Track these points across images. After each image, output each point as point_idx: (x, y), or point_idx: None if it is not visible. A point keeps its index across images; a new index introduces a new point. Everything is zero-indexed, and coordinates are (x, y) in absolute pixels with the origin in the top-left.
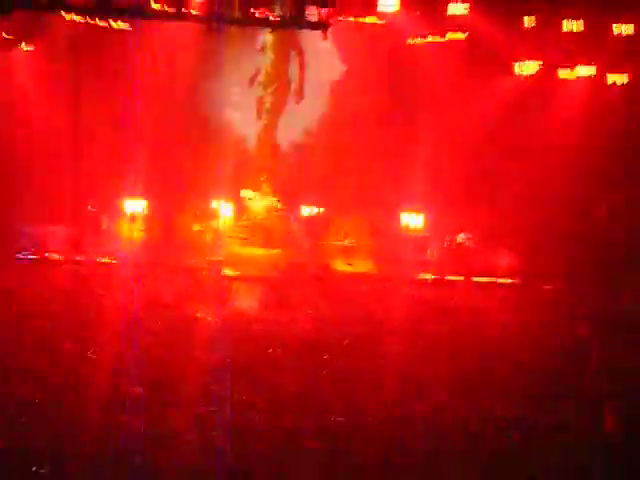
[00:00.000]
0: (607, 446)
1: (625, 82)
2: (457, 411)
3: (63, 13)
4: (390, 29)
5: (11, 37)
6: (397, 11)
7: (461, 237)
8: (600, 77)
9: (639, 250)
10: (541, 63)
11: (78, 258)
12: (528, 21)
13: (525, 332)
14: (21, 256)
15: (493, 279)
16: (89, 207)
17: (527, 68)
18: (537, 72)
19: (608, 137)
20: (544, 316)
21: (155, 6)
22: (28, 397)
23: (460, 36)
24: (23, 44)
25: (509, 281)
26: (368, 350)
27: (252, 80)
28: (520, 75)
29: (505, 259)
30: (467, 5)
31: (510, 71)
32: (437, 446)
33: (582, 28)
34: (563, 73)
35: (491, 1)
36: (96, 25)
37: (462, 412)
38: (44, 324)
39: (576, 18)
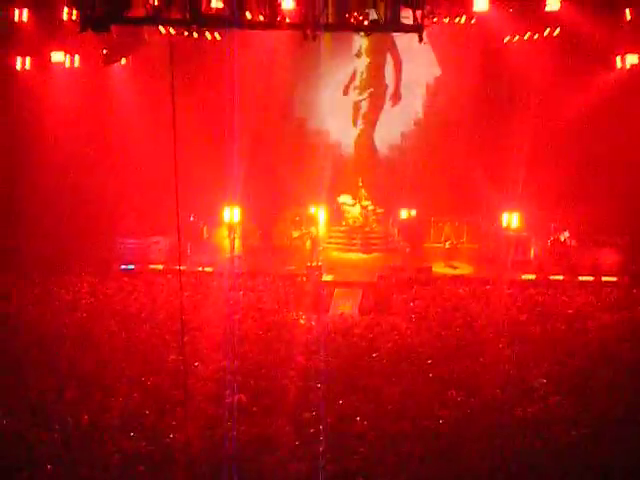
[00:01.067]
0: None
1: None
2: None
3: (160, 27)
4: (484, 28)
5: (110, 52)
6: (490, 10)
7: (564, 236)
8: None
9: None
10: None
11: (180, 268)
12: (628, 13)
13: (631, 330)
14: (125, 268)
15: (598, 278)
16: (190, 217)
17: (628, 61)
18: (638, 65)
19: None
20: None
21: (248, 16)
22: (135, 408)
23: (556, 32)
24: (123, 59)
25: (614, 279)
26: (472, 354)
27: (348, 85)
28: (622, 69)
29: (610, 257)
30: (560, 0)
31: (611, 65)
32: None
33: None
34: None
35: None
36: (191, 37)
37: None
38: (151, 333)
39: None
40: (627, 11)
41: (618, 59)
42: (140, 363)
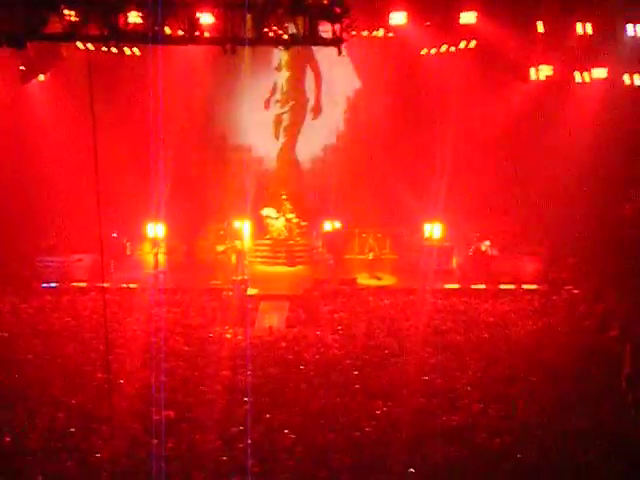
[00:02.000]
0: None
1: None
2: (490, 421)
3: (77, 43)
4: (402, 41)
5: (26, 69)
6: (407, 23)
7: (485, 245)
8: (614, 79)
9: None
10: (554, 67)
11: (104, 285)
12: (540, 26)
13: (552, 337)
14: (47, 286)
15: (519, 286)
16: (113, 234)
17: (542, 72)
18: (552, 76)
19: (626, 137)
20: (571, 321)
21: (167, 30)
22: (60, 427)
23: (472, 44)
24: (41, 75)
25: (535, 287)
26: (398, 364)
27: (269, 99)
28: (536, 80)
29: (530, 265)
30: (476, 13)
31: (525, 76)
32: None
33: (592, 31)
34: (578, 76)
35: (501, 7)
36: (110, 52)
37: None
38: (75, 351)
39: (587, 21)
40: (540, 23)
41: (532, 71)
42: (65, 382)
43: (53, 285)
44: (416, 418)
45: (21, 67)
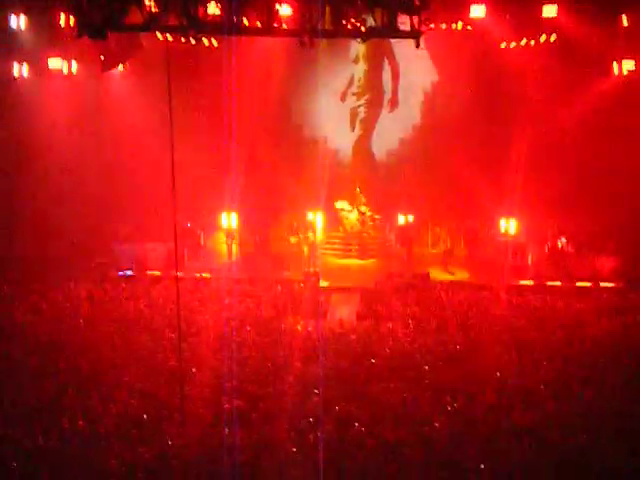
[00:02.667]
0: None
1: None
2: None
3: (157, 33)
4: (481, 35)
5: (107, 58)
6: (487, 16)
7: (561, 242)
8: None
9: None
10: (637, 62)
11: (178, 274)
12: (624, 19)
13: (629, 337)
14: (123, 274)
15: (596, 283)
16: (188, 224)
17: (625, 67)
18: (635, 71)
19: None
20: None
21: (246, 22)
22: (133, 413)
23: (553, 38)
24: (120, 65)
25: (612, 285)
26: (470, 360)
27: (345, 92)
28: (618, 75)
29: (607, 262)
30: (557, 6)
31: (608, 71)
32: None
33: None
34: None
35: (584, 0)
36: (188, 43)
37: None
38: (149, 339)
39: None
40: (623, 17)
41: (615, 65)
42: (138, 369)
43: (128, 273)
44: (487, 415)
45: (101, 56)
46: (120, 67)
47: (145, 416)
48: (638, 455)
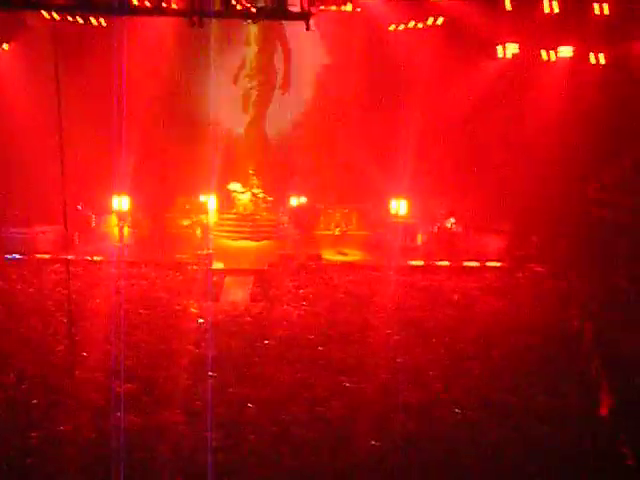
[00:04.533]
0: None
1: (604, 62)
2: (453, 398)
3: (43, 12)
4: (370, 17)
5: None
6: None
7: (450, 222)
8: (580, 57)
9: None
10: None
11: (68, 257)
12: (508, 3)
13: (513, 315)
14: (10, 257)
15: (483, 263)
16: (78, 206)
17: (509, 50)
18: (518, 54)
19: (591, 116)
20: (534, 299)
21: (135, 1)
22: (22, 398)
23: (440, 21)
24: (5, 44)
25: (499, 264)
26: (362, 340)
27: (238, 74)
28: (502, 58)
29: (494, 243)
30: None
31: (492, 54)
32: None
33: (558, 9)
34: (544, 54)
35: None
36: (76, 22)
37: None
38: (36, 323)
39: None
40: (507, 1)
41: (500, 48)
42: (27, 354)
43: (17, 256)
44: (379, 394)
45: None
46: (5, 46)
47: (35, 401)
48: (521, 430)
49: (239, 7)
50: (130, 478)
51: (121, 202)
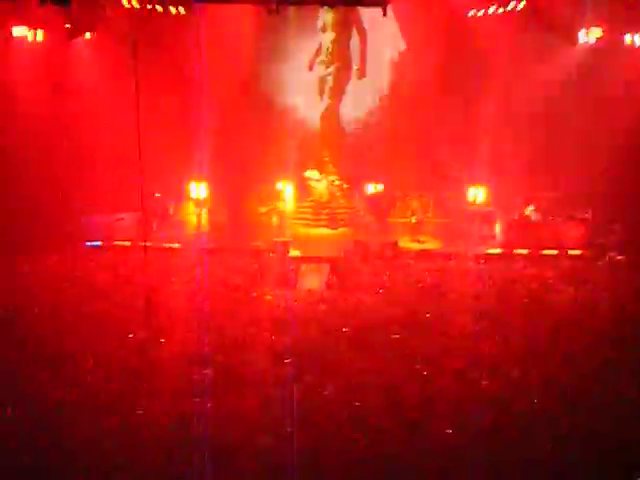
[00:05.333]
0: None
1: None
2: (531, 388)
3: (123, 1)
4: (449, 2)
5: (73, 26)
6: None
7: (529, 210)
8: None
9: None
10: (603, 29)
11: (146, 244)
12: None
13: (594, 303)
14: (90, 245)
15: (563, 251)
16: (156, 194)
17: (592, 35)
18: (602, 38)
19: None
20: (614, 289)
21: None
22: (100, 383)
23: (521, 5)
24: (87, 33)
25: (579, 252)
26: (439, 329)
27: (313, 60)
28: (585, 43)
29: (574, 230)
30: None
31: (574, 39)
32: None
33: None
34: (629, 38)
35: None
36: (155, 11)
37: (535, 390)
38: (116, 309)
39: None
40: None
41: (582, 33)
42: (107, 339)
43: (97, 244)
44: (456, 383)
45: (67, 25)
46: (87, 35)
47: (114, 386)
48: (603, 421)
49: None
50: (207, 464)
51: (199, 189)
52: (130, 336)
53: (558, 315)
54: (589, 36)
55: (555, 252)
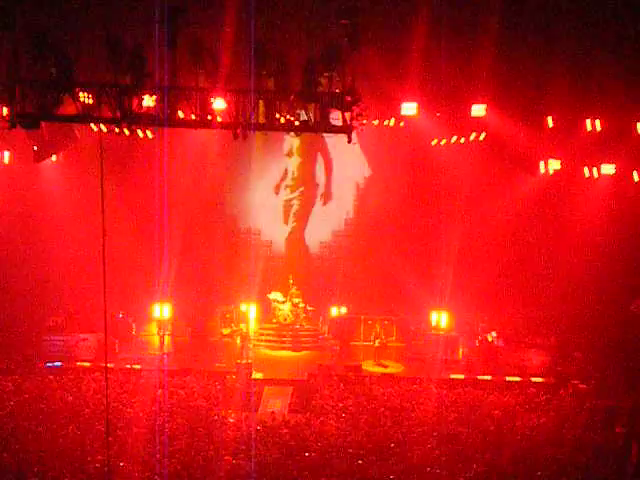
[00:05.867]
0: None
1: None
2: None
3: (91, 124)
4: (413, 131)
5: (39, 148)
6: (419, 114)
7: (492, 336)
8: (622, 175)
9: None
10: (562, 162)
11: (108, 365)
12: (550, 120)
13: (558, 432)
14: (51, 365)
15: (526, 378)
16: (119, 314)
17: (551, 166)
18: (560, 170)
19: (636, 232)
20: (580, 415)
21: (180, 114)
22: None
23: (482, 136)
24: (54, 155)
25: (541, 380)
26: (402, 454)
27: (279, 184)
28: (545, 174)
29: (537, 358)
30: (486, 106)
31: (534, 170)
32: None
33: (600, 127)
34: (587, 171)
35: (511, 101)
36: (122, 134)
37: None
38: (77, 432)
39: (596, 117)
40: (549, 118)
41: (542, 164)
42: (64, 463)
43: (57, 364)
44: None
45: (34, 147)
46: (54, 157)
47: None
48: None
49: (282, 120)
50: None
51: (162, 310)
52: (89, 459)
53: (521, 443)
54: (548, 167)
55: (518, 379)
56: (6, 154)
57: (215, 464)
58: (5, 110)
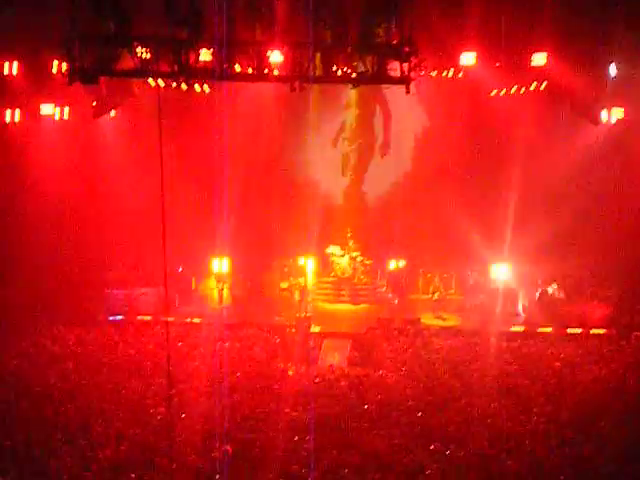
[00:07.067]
0: None
1: None
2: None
3: (149, 79)
4: (472, 82)
5: (99, 104)
6: (477, 64)
7: (552, 288)
8: None
9: None
10: (625, 110)
11: (168, 319)
12: (613, 68)
13: (619, 383)
14: (113, 318)
15: (586, 330)
16: (179, 268)
17: (613, 115)
18: (623, 118)
19: None
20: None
21: (237, 68)
22: (120, 461)
23: (543, 86)
24: (112, 111)
25: (602, 332)
26: (461, 407)
27: (337, 137)
28: (607, 122)
29: (598, 309)
30: (547, 54)
31: (596, 119)
32: None
33: None
34: None
35: (573, 49)
36: (180, 89)
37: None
38: (138, 385)
39: None
40: (612, 66)
41: (604, 113)
42: (127, 415)
43: (119, 318)
44: (478, 462)
45: (93, 102)
46: (112, 113)
47: (134, 463)
48: None
49: (339, 72)
50: None
51: (221, 264)
52: (151, 411)
53: (582, 395)
54: (611, 116)
55: (579, 331)
56: (66, 110)
57: (274, 416)
58: (64, 66)
